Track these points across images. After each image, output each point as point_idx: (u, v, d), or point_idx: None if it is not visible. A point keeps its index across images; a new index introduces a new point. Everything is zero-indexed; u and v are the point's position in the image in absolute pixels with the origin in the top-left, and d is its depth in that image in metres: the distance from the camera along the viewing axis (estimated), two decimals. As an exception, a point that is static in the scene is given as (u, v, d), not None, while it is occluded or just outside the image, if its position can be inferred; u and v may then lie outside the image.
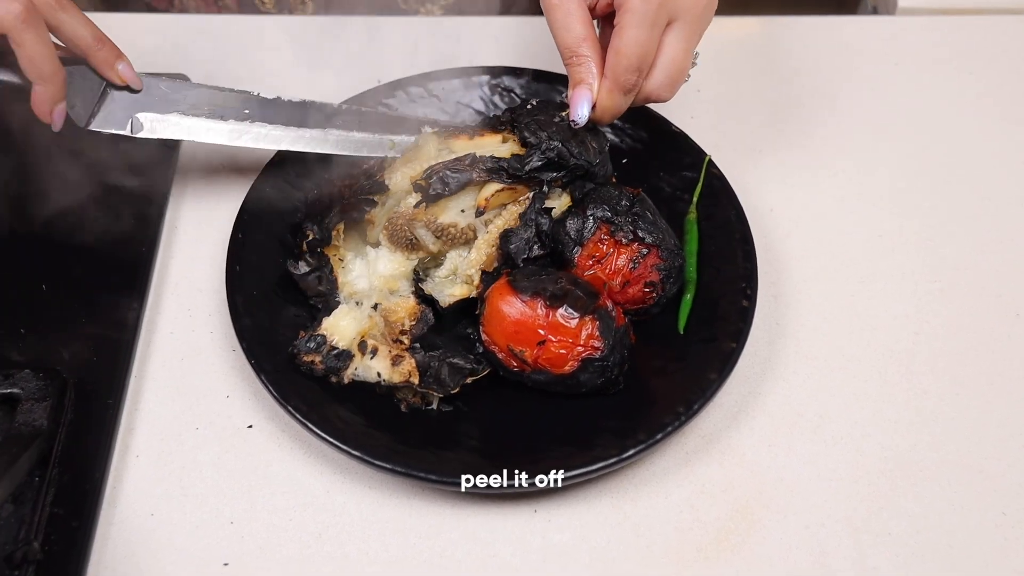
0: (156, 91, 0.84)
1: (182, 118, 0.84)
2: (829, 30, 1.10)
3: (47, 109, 0.80)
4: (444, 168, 0.80)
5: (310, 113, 0.87)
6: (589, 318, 0.76)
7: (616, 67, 0.75)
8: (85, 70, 0.82)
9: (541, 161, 0.80)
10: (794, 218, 0.94)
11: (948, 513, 0.76)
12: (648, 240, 0.82)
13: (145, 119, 0.83)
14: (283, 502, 0.75)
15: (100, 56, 0.81)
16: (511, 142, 0.84)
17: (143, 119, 0.83)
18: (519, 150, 0.83)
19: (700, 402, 0.76)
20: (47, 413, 0.75)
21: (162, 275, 0.88)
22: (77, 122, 0.82)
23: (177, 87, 0.85)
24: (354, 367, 0.79)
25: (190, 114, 0.84)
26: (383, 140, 0.88)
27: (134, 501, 0.75)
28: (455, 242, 0.82)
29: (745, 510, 0.76)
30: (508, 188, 0.81)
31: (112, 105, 0.83)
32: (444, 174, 0.80)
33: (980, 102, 1.04)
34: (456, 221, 0.81)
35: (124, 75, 0.82)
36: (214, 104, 0.85)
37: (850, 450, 0.79)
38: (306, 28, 1.08)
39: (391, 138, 0.88)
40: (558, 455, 0.74)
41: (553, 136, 0.80)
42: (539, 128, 0.81)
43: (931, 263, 0.91)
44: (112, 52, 0.81)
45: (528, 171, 0.80)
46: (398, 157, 0.86)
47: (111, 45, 0.81)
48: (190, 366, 0.83)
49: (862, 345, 0.85)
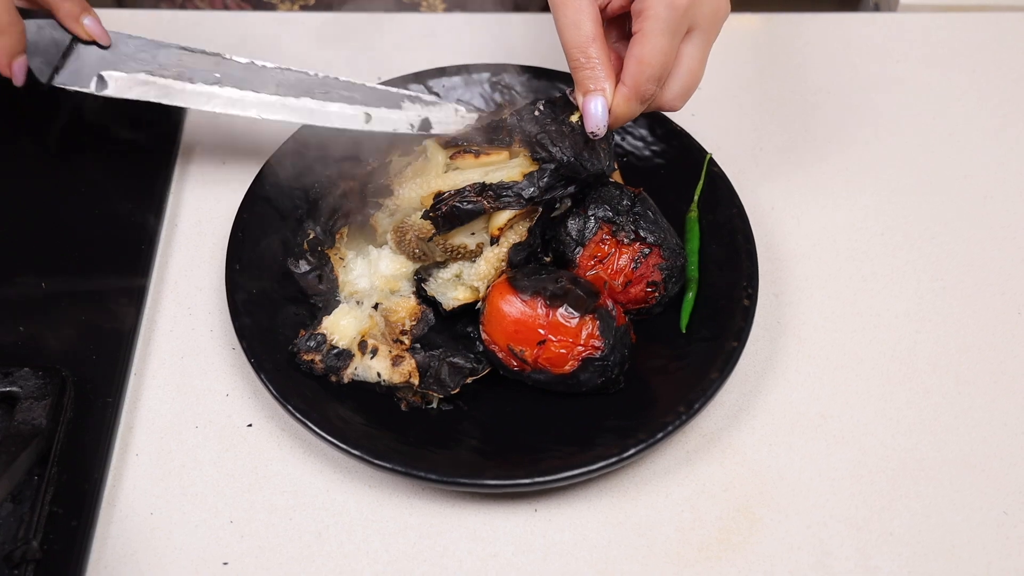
0: (125, 49, 0.80)
1: (150, 78, 0.80)
2: (831, 27, 1.10)
3: (5, 61, 0.76)
4: (454, 201, 0.78)
5: (284, 80, 0.83)
6: (589, 317, 0.76)
7: (638, 76, 0.72)
8: (52, 24, 0.78)
9: (556, 180, 0.78)
10: (796, 216, 0.93)
11: (950, 512, 0.76)
12: (650, 240, 0.81)
13: (111, 77, 0.79)
14: (283, 501, 0.75)
15: (64, 8, 0.77)
16: (521, 157, 0.80)
17: (109, 77, 0.79)
18: (529, 165, 0.79)
19: (701, 401, 0.75)
20: (46, 412, 0.75)
21: (162, 273, 0.88)
22: (39, 77, 0.79)
23: (147, 45, 0.81)
24: (354, 367, 0.79)
25: (158, 74, 0.80)
26: (358, 112, 0.84)
27: (133, 500, 0.75)
28: (464, 258, 0.81)
29: (746, 509, 0.76)
30: (520, 212, 0.80)
31: (77, 62, 0.79)
32: (453, 207, 0.78)
33: (983, 99, 1.04)
34: (466, 243, 0.81)
35: (91, 30, 0.78)
36: (183, 65, 0.81)
37: (852, 449, 0.79)
38: (307, 24, 1.08)
39: (367, 110, 0.84)
40: (559, 454, 0.74)
41: (566, 150, 0.77)
42: (551, 142, 0.77)
43: (933, 261, 0.90)
44: (78, 5, 0.78)
45: (543, 198, 0.78)
46: (399, 159, 0.86)
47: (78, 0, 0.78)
48: (190, 364, 0.82)
49: (864, 344, 0.85)
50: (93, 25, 0.78)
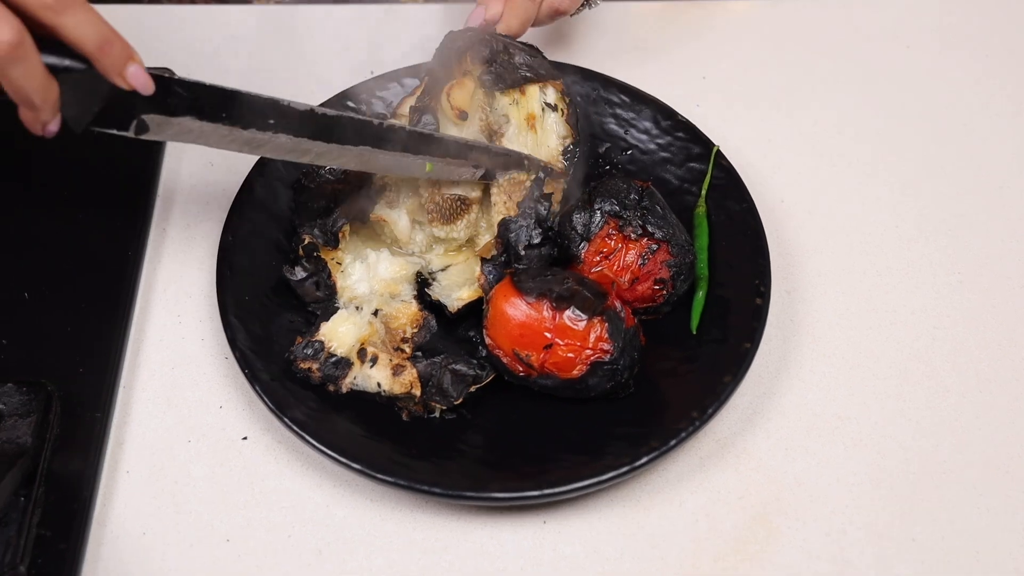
0: (169, 91, 0.72)
1: (195, 122, 0.73)
2: (839, 11, 1.07)
3: (37, 128, 0.70)
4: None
5: (341, 127, 0.77)
6: (598, 320, 0.73)
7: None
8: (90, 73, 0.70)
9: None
10: (807, 209, 0.90)
11: (975, 517, 0.73)
12: (658, 235, 0.79)
13: (152, 121, 0.72)
14: (281, 518, 0.73)
15: (106, 63, 0.69)
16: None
17: (150, 121, 0.72)
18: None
19: (715, 406, 0.73)
20: (31, 429, 0.72)
21: (150, 280, 0.85)
22: (74, 128, 0.71)
23: (194, 88, 0.73)
24: (353, 376, 0.76)
25: (205, 118, 0.73)
26: (420, 162, 0.80)
27: (125, 520, 0.72)
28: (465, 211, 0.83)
29: (762, 517, 0.73)
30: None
31: (116, 104, 0.71)
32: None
33: (997, 85, 1.01)
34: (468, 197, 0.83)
35: (133, 81, 0.70)
36: (232, 108, 0.74)
37: (870, 452, 0.76)
38: (297, 17, 1.04)
39: (428, 160, 0.81)
40: (567, 464, 0.72)
41: None
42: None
43: (951, 254, 0.88)
44: (120, 56, 0.70)
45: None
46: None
47: (120, 46, 0.70)
48: (181, 376, 0.79)
49: (880, 341, 0.82)
50: (136, 75, 0.70)
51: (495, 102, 0.85)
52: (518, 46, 0.85)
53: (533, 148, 0.84)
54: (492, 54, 0.84)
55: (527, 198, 0.79)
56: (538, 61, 0.85)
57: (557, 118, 0.84)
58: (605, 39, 1.03)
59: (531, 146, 0.84)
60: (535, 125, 0.84)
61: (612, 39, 1.03)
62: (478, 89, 0.84)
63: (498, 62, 0.83)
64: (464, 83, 0.84)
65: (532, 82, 0.84)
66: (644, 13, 1.05)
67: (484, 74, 0.84)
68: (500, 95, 0.84)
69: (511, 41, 0.85)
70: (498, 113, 0.85)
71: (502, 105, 0.85)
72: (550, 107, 0.84)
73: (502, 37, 0.84)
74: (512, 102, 0.84)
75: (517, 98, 0.84)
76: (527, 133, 0.84)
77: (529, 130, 0.84)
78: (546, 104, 0.84)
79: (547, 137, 0.84)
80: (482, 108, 0.85)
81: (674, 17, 1.05)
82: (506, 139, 0.84)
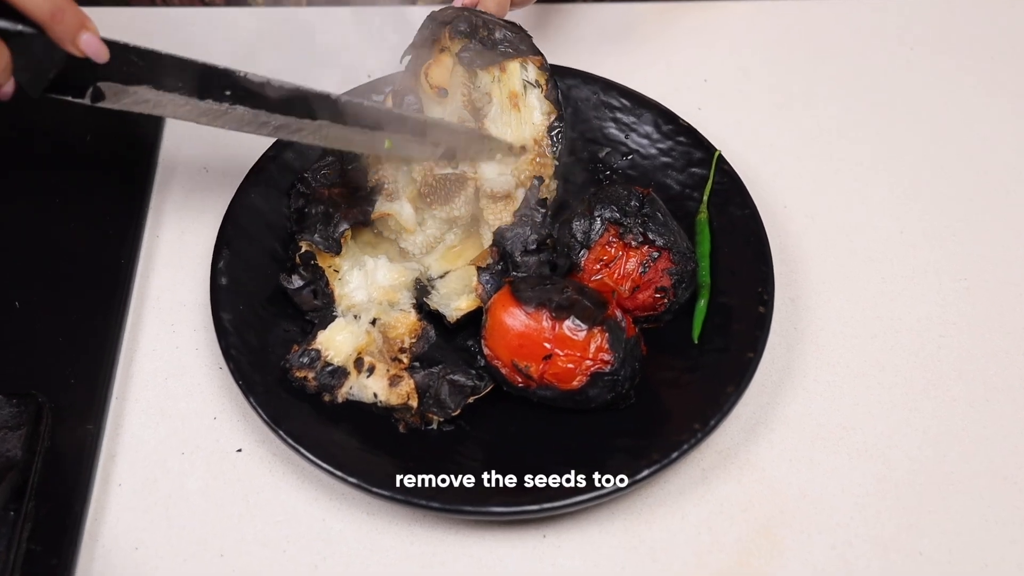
0: (125, 60, 0.72)
1: (151, 92, 0.73)
2: (841, 14, 1.06)
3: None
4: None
5: (300, 99, 0.78)
6: (598, 329, 0.72)
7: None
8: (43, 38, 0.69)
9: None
10: (810, 214, 0.89)
11: (982, 529, 0.72)
12: (659, 243, 0.77)
13: (108, 89, 0.72)
14: (276, 532, 0.71)
15: (58, 30, 0.69)
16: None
17: (106, 89, 0.72)
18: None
19: (717, 417, 0.72)
20: (22, 442, 0.71)
21: (143, 289, 0.83)
22: (30, 92, 0.71)
23: (151, 56, 0.73)
24: (349, 386, 0.75)
25: (162, 88, 0.73)
26: (379, 137, 0.80)
27: (117, 534, 0.71)
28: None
29: (766, 530, 0.72)
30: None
31: (73, 71, 0.71)
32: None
33: (1001, 87, 0.99)
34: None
35: (86, 48, 0.70)
36: (189, 79, 0.74)
37: (876, 463, 0.75)
38: (294, 21, 1.03)
39: (388, 135, 0.81)
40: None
41: None
42: None
43: (956, 259, 0.86)
44: (73, 24, 0.70)
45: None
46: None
47: (72, 14, 0.70)
48: (174, 386, 0.78)
49: (885, 349, 0.81)
50: (89, 42, 0.70)
51: (477, 80, 0.84)
52: (499, 23, 0.83)
53: (517, 126, 0.83)
54: (471, 29, 0.82)
55: (523, 206, 0.78)
56: (519, 37, 0.83)
57: (539, 95, 0.83)
58: (606, 41, 1.01)
59: (515, 124, 0.83)
60: (518, 103, 0.83)
61: (613, 41, 1.02)
62: (457, 66, 0.83)
63: (477, 38, 0.82)
64: (441, 59, 0.83)
65: (512, 58, 0.82)
66: (646, 15, 1.04)
67: (463, 50, 0.82)
68: (482, 72, 0.83)
69: (491, 18, 0.83)
70: (480, 91, 0.84)
71: (484, 83, 0.84)
72: (531, 84, 0.83)
73: (482, 14, 0.83)
74: (493, 79, 0.83)
75: (498, 75, 0.83)
76: (510, 112, 0.83)
77: (512, 108, 0.83)
78: (526, 81, 0.83)
79: (530, 114, 0.83)
80: (464, 86, 0.83)
81: (676, 19, 1.04)
82: (489, 118, 0.83)
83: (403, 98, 0.82)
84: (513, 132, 0.83)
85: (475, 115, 0.83)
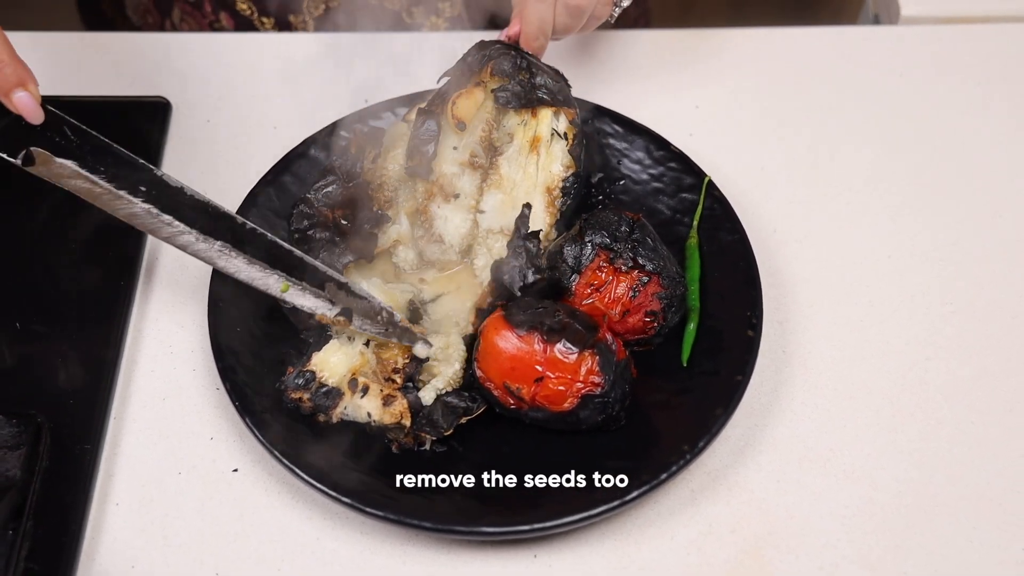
0: (60, 130, 0.74)
1: (76, 168, 0.73)
2: (830, 41, 1.07)
3: None
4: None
5: (208, 218, 0.77)
6: (588, 352, 0.73)
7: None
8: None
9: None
10: (799, 238, 0.90)
11: (968, 550, 0.73)
12: (649, 267, 0.79)
13: (39, 156, 0.72)
14: (271, 551, 0.72)
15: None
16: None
17: (37, 155, 0.72)
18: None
19: (706, 439, 0.73)
20: (20, 462, 0.72)
21: (141, 310, 0.85)
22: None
23: (85, 135, 0.75)
24: (343, 406, 0.76)
25: (86, 167, 0.73)
26: (275, 278, 0.77)
27: (114, 553, 0.72)
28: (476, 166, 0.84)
29: (755, 551, 0.73)
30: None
31: (14, 129, 0.72)
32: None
33: (989, 113, 1.01)
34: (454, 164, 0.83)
35: (19, 104, 0.71)
36: (112, 167, 0.74)
37: (863, 484, 0.76)
38: (302, 47, 1.05)
39: (286, 280, 0.78)
40: (558, 497, 0.71)
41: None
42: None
43: (943, 284, 0.88)
44: (10, 79, 0.71)
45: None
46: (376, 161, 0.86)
47: (13, 70, 0.71)
48: (172, 407, 0.79)
49: (873, 372, 0.82)
50: (23, 101, 0.71)
51: (505, 119, 0.85)
52: (543, 68, 0.84)
53: (533, 170, 0.84)
54: (513, 69, 0.83)
55: (515, 237, 0.79)
56: (559, 87, 0.84)
57: (563, 147, 0.83)
58: (598, 67, 1.03)
59: (530, 168, 0.84)
60: (538, 148, 0.83)
61: (605, 67, 1.03)
62: (488, 102, 0.84)
63: (517, 79, 0.83)
64: (472, 93, 0.84)
65: (547, 105, 0.84)
66: (637, 42, 1.06)
67: (500, 89, 0.83)
68: (512, 113, 0.84)
69: (535, 60, 0.84)
70: (504, 130, 0.85)
71: (510, 123, 0.84)
72: (558, 135, 0.83)
73: (528, 56, 0.84)
74: (521, 122, 0.84)
75: (527, 119, 0.84)
76: (528, 155, 0.84)
77: (531, 152, 0.84)
78: (555, 131, 0.83)
79: (550, 163, 0.84)
80: (488, 122, 0.84)
81: (668, 46, 1.06)
82: (504, 157, 0.84)
83: (425, 121, 0.83)
84: (524, 175, 0.83)
85: (490, 152, 0.84)
